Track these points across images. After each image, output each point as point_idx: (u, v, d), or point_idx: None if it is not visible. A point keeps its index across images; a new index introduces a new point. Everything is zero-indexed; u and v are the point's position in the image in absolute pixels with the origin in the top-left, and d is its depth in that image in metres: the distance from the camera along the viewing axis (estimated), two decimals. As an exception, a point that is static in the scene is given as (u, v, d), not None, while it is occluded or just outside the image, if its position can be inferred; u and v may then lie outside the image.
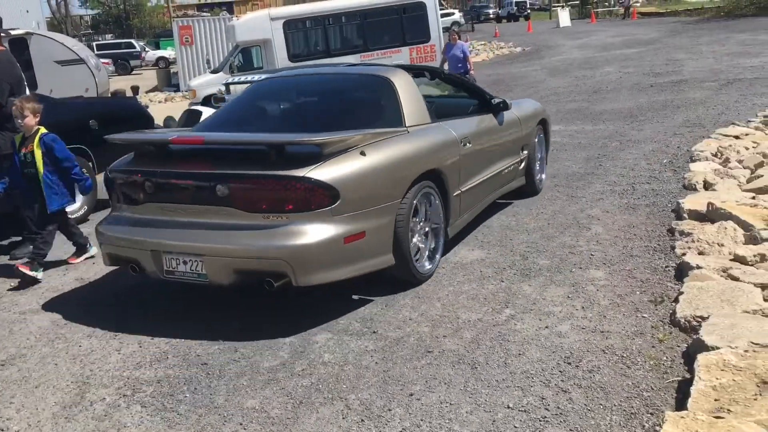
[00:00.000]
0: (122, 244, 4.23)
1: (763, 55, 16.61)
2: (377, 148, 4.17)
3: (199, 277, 3.96)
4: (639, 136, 8.87)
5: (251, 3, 61.98)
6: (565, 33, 33.90)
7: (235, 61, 16.40)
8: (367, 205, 3.97)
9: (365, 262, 4.05)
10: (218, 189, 3.85)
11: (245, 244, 3.78)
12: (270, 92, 5.49)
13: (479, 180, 5.24)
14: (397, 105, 4.66)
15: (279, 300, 4.30)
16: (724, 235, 4.50)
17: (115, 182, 4.37)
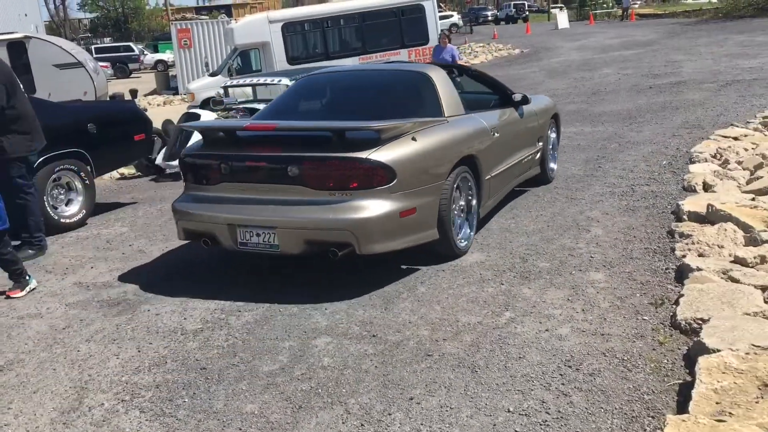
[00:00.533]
0: (198, 219, 4.74)
1: (762, 56, 16.62)
2: (425, 134, 4.70)
3: (271, 248, 4.47)
4: (638, 137, 8.86)
5: (250, 6, 62.02)
6: (564, 35, 33.93)
7: (234, 64, 16.38)
8: (417, 184, 4.49)
9: (415, 235, 4.56)
10: (290, 169, 4.38)
11: (315, 217, 4.30)
12: (319, 86, 5.98)
13: (504, 167, 5.74)
14: (437, 98, 5.21)
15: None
16: (724, 236, 4.49)
17: (189, 165, 4.89)
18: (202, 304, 4.45)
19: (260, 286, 4.71)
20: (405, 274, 4.70)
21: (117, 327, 4.21)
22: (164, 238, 6.16)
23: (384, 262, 4.95)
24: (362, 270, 4.83)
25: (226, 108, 9.73)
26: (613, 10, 51.41)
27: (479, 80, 6.41)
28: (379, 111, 5.05)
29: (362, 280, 4.66)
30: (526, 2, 64.63)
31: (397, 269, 4.79)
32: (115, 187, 8.99)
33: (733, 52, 18.17)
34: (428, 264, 4.84)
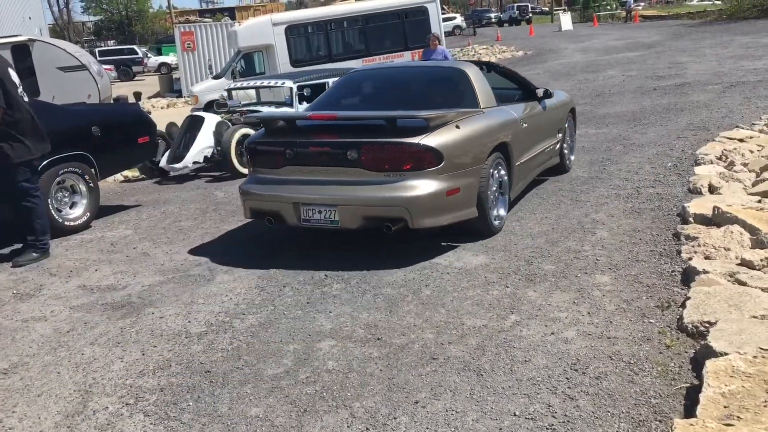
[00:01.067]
0: (265, 199, 5.31)
1: (766, 58, 16.56)
2: (466, 123, 5.21)
3: (331, 223, 5.04)
4: (643, 139, 8.84)
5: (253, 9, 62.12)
6: (567, 36, 33.89)
7: (238, 66, 16.39)
8: (461, 167, 5.01)
9: (458, 212, 5.07)
10: (349, 153, 4.91)
11: (373, 196, 4.85)
12: (363, 81, 6.58)
13: (531, 155, 6.23)
14: (473, 91, 5.72)
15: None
16: (731, 239, 4.47)
17: (254, 152, 5.44)
18: (207, 307, 4.44)
19: (264, 289, 4.70)
20: (409, 277, 4.69)
21: (121, 330, 4.21)
22: (168, 241, 6.16)
23: (387, 264, 4.94)
24: (366, 273, 4.82)
25: (230, 111, 9.74)
26: (617, 12, 51.34)
27: (505, 76, 6.86)
28: (422, 103, 5.54)
29: (366, 282, 4.65)
30: (529, 4, 64.69)
31: (401, 272, 4.78)
32: (119, 189, 9.00)
33: (738, 54, 18.12)
34: (436, 263, 4.83)
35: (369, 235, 5.70)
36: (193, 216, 7.06)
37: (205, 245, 5.92)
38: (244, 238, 6.02)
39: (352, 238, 5.67)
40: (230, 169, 8.86)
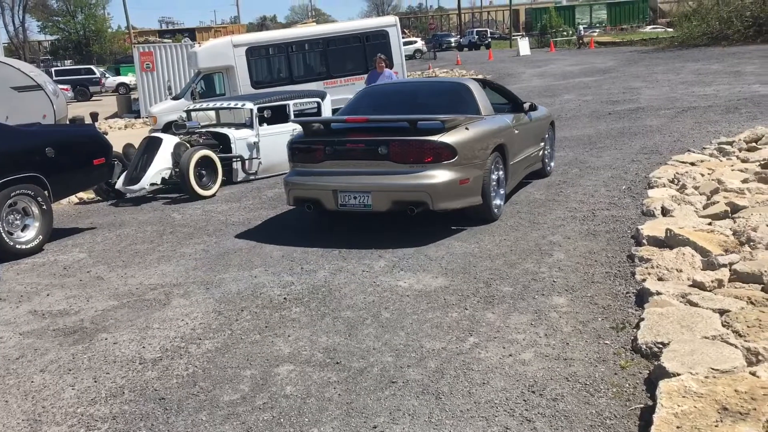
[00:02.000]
0: (307, 188, 6.27)
1: (716, 84, 17.13)
2: (473, 126, 6.24)
3: (365, 207, 6.01)
4: (598, 162, 9.02)
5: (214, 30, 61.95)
6: (525, 61, 34.55)
7: (197, 87, 16.27)
8: (470, 161, 6.02)
9: (467, 198, 6.08)
10: (380, 149, 5.91)
11: (400, 183, 5.86)
12: (380, 93, 7.70)
13: (521, 158, 7.25)
14: (475, 101, 6.81)
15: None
16: (683, 260, 4.57)
17: (295, 150, 6.45)
18: (162, 333, 4.36)
19: (222, 313, 4.64)
20: (369, 299, 4.68)
21: (73, 356, 4.10)
22: (123, 264, 6.04)
23: (347, 287, 4.93)
24: (326, 296, 4.80)
25: (189, 132, 9.65)
26: (573, 38, 52.62)
27: (498, 90, 7.95)
28: (432, 110, 6.43)
29: (326, 306, 4.62)
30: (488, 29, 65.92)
31: (361, 295, 4.77)
32: (74, 212, 8.81)
33: (689, 80, 18.70)
34: (396, 285, 4.83)
35: (331, 256, 5.68)
36: (149, 239, 6.95)
37: (162, 268, 5.82)
38: (201, 261, 5.95)
39: (315, 258, 5.65)
40: (188, 191, 8.76)
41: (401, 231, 6.36)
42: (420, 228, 6.40)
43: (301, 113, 10.91)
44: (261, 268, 5.59)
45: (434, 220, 6.51)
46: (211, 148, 9.38)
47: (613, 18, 69.59)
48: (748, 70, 19.87)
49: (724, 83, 17.25)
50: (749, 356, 3.23)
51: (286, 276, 5.33)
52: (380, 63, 11.45)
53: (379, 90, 7.96)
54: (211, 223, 7.41)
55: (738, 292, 4.01)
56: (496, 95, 7.82)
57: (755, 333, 3.42)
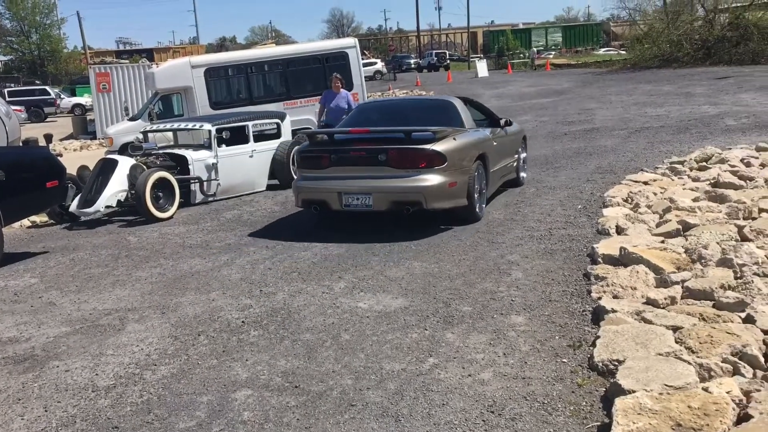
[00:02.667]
0: (315, 191, 7.01)
1: (667, 105, 17.62)
2: (459, 137, 7.02)
3: (366, 207, 6.78)
4: (555, 182, 9.17)
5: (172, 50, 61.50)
6: (483, 83, 35.06)
7: (155, 108, 16.08)
8: (457, 167, 6.77)
9: (455, 200, 6.83)
10: (379, 156, 6.66)
11: (398, 185, 6.63)
12: (376, 108, 8.78)
13: (499, 167, 8.04)
14: (459, 115, 7.65)
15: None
16: (637, 278, 4.66)
17: (303, 158, 7.17)
18: (116, 359, 4.26)
19: (178, 338, 4.56)
20: (329, 321, 4.65)
21: (23, 385, 3.97)
22: (77, 289, 5.90)
23: (307, 309, 4.89)
24: (285, 319, 4.75)
25: (146, 153, 9.53)
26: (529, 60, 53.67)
27: (477, 108, 8.69)
28: (422, 123, 7.15)
29: (284, 329, 4.58)
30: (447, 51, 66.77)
31: (320, 317, 4.73)
32: (26, 236, 8.58)
33: (642, 101, 19.19)
34: (355, 307, 4.80)
35: (291, 278, 5.64)
36: (104, 262, 6.80)
37: (117, 293, 5.70)
38: (157, 285, 5.84)
39: (274, 280, 5.60)
40: (145, 214, 8.62)
41: (362, 252, 6.36)
42: (381, 248, 6.41)
43: (260, 134, 10.87)
44: (219, 291, 5.51)
45: (398, 239, 6.54)
46: (169, 169, 9.27)
47: (568, 41, 71.31)
48: (698, 91, 20.49)
49: (675, 104, 17.76)
50: (702, 372, 3.29)
51: (245, 299, 5.27)
52: (336, 83, 11.24)
53: (374, 106, 9.32)
54: (167, 246, 7.29)
55: (690, 309, 4.09)
56: (476, 112, 8.52)
57: (707, 349, 3.50)
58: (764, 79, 22.14)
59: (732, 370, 3.33)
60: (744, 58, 30.42)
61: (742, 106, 16.24)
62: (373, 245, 6.56)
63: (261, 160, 10.45)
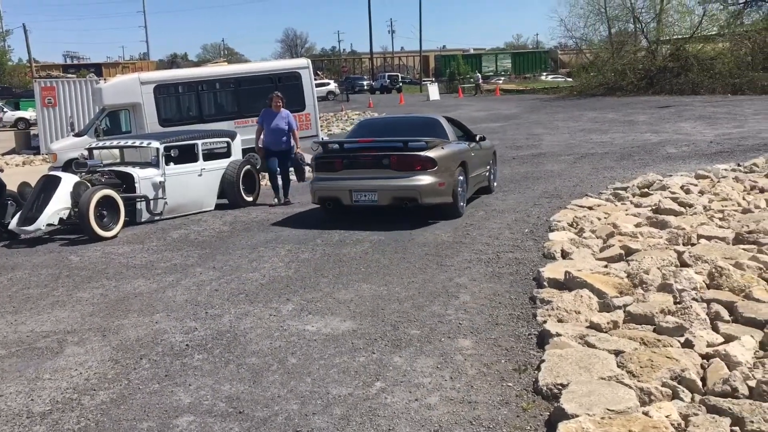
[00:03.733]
0: (330, 189, 8.33)
1: (612, 132, 18.13)
2: (446, 146, 8.48)
3: (372, 202, 8.12)
4: (503, 206, 9.31)
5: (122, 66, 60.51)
6: (435, 106, 35.51)
7: (102, 124, 15.75)
8: (445, 171, 8.13)
9: (443, 197, 8.18)
10: (383, 160, 8.01)
11: (398, 184, 7.97)
12: (375, 123, 10.71)
13: (476, 174, 9.44)
14: (444, 130, 9.05)
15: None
16: (581, 302, 4.74)
17: (319, 163, 8.47)
18: (53, 384, 4.11)
19: (119, 362, 4.43)
20: (276, 345, 4.59)
21: (-49, 412, 3.79)
22: (14, 310, 5.69)
23: (254, 331, 4.82)
24: (230, 342, 4.68)
25: (90, 170, 9.31)
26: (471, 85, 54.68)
27: (457, 125, 9.90)
28: (414, 135, 8.41)
29: (230, 352, 4.50)
30: (399, 74, 67.45)
31: (267, 341, 4.67)
32: (-40, 253, 8.25)
33: (587, 128, 19.70)
34: (303, 330, 4.76)
35: (238, 300, 5.56)
36: (43, 282, 6.59)
37: (56, 314, 5.52)
38: (99, 306, 5.68)
39: (221, 302, 5.51)
40: (88, 232, 8.39)
41: (311, 274, 6.32)
42: (330, 269, 6.38)
43: (210, 153, 10.75)
44: (163, 313, 5.39)
45: (348, 261, 6.52)
46: (114, 187, 9.07)
47: (517, 67, 72.91)
48: (641, 119, 21.16)
49: (619, 131, 18.29)
50: (642, 396, 3.36)
51: (190, 321, 5.16)
52: (276, 101, 10.49)
53: (373, 122, 11.02)
54: (111, 266, 7.11)
55: (632, 333, 4.19)
56: (457, 129, 9.74)
57: (647, 373, 3.57)
58: (703, 109, 23.02)
59: (671, 394, 3.41)
60: (684, 88, 31.62)
61: (682, 134, 16.83)
62: (323, 267, 6.53)
63: (210, 179, 10.33)
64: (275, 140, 10.45)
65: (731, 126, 17.87)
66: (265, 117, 10.58)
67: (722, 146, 14.28)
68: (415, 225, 8.20)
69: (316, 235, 8.03)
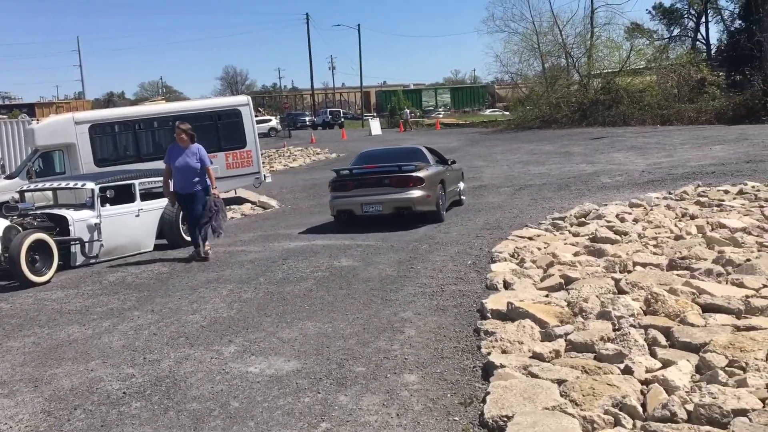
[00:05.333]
0: (345, 204, 10.72)
1: (549, 163, 18.61)
2: (429, 168, 10.99)
3: (378, 212, 10.50)
4: (446, 238, 9.39)
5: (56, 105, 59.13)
6: (377, 141, 35.79)
7: (34, 166, 15.29)
8: (430, 186, 10.57)
9: (429, 206, 10.58)
10: (384, 180, 10.49)
11: (397, 197, 10.38)
12: (373, 153, 12.86)
13: (450, 189, 11.90)
14: (426, 156, 11.64)
15: None
16: (523, 332, 4.79)
17: (335, 184, 10.93)
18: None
19: (51, 413, 4.23)
20: (217, 388, 4.47)
21: None
22: (-63, 364, 5.38)
23: (194, 375, 4.69)
24: (170, 387, 4.53)
25: (22, 214, 8.99)
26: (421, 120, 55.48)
27: (433, 153, 12.48)
28: (404, 161, 11.04)
29: (169, 398, 4.36)
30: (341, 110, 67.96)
31: (208, 384, 4.54)
32: None
33: (525, 160, 20.18)
34: (246, 372, 4.65)
35: (177, 344, 5.40)
36: (-30, 332, 6.27)
37: (-17, 366, 5.25)
38: (31, 356, 5.44)
39: (159, 346, 5.34)
40: (19, 278, 8.07)
41: (254, 313, 6.21)
42: (274, 308, 6.28)
43: (148, 192, 10.54)
44: (99, 360, 5.20)
45: (293, 297, 6.43)
46: (47, 230, 8.77)
47: (457, 101, 74.53)
48: (576, 150, 21.80)
49: (556, 163, 18.79)
50: (585, 425, 3.40)
51: (127, 368, 4.98)
52: (180, 134, 8.97)
53: (370, 152, 13.07)
54: (43, 313, 6.84)
55: (573, 362, 4.24)
56: (433, 155, 12.23)
57: (590, 401, 3.62)
58: (634, 140, 23.89)
59: (613, 421, 3.46)
60: (616, 120, 32.81)
61: (615, 164, 17.40)
62: (266, 306, 6.44)
63: (148, 219, 10.11)
64: (183, 179, 9.00)
65: (661, 155, 18.58)
66: (171, 154, 9.10)
67: (654, 175, 14.81)
68: (361, 261, 8.18)
69: (259, 273, 7.92)
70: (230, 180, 16.91)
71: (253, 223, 13.23)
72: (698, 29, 51.53)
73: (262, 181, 17.34)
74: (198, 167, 8.97)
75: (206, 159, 9.07)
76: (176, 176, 9.06)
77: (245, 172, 17.05)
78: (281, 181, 20.98)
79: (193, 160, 8.95)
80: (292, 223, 12.53)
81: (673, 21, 52.59)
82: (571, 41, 40.88)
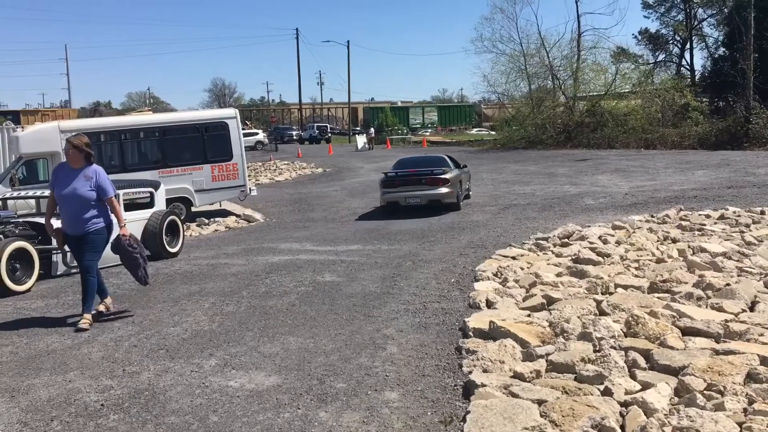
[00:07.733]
0: (393, 197, 14.89)
1: (533, 184, 18.74)
2: (452, 171, 15.28)
3: (417, 203, 14.54)
4: (430, 255, 9.41)
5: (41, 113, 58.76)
6: (363, 156, 35.89)
7: (18, 173, 15.18)
8: (453, 185, 14.77)
9: (452, 199, 14.70)
10: (422, 180, 14.77)
11: (431, 193, 14.62)
12: (409, 159, 17.18)
13: (464, 186, 16.23)
14: (448, 162, 15.86)
15: None
16: (505, 352, 4.81)
17: (385, 182, 15.06)
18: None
19: (27, 424, 4.18)
20: (197, 402, 4.44)
21: None
22: None
23: (174, 388, 4.65)
24: (149, 400, 4.49)
25: (3, 222, 8.91)
26: (407, 137, 55.72)
27: (452, 159, 16.26)
28: (434, 167, 15.02)
29: (147, 411, 4.31)
30: (328, 125, 68.11)
31: (188, 398, 4.51)
32: None
33: (510, 179, 20.31)
34: (226, 386, 4.62)
35: (158, 356, 5.36)
36: (-54, 341, 6.19)
37: (-41, 375, 5.18)
38: (8, 366, 5.37)
39: (139, 358, 5.30)
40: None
41: (236, 327, 6.18)
42: (256, 322, 6.26)
43: (131, 203, 10.49)
44: (77, 371, 5.14)
45: (274, 310, 6.39)
46: (28, 239, 8.70)
47: (444, 119, 74.95)
48: (561, 172, 21.97)
49: (541, 183, 18.93)
50: (564, 445, 3.41)
51: (105, 379, 4.94)
52: (72, 153, 6.42)
53: (407, 159, 17.10)
54: (22, 322, 6.76)
55: (554, 382, 4.26)
56: (453, 161, 16.09)
57: (569, 422, 3.63)
58: (618, 162, 24.13)
59: (592, 442, 3.47)
60: (601, 142, 33.15)
61: (599, 186, 17.56)
62: (248, 320, 6.41)
63: (131, 230, 10.03)
64: (72, 216, 6.45)
65: (645, 179, 18.78)
66: (57, 176, 6.56)
67: (637, 198, 14.96)
68: (345, 276, 8.17)
69: (242, 287, 7.89)
70: (215, 192, 16.90)
71: (237, 236, 13.19)
72: (683, 55, 52.34)
73: (248, 195, 17.32)
74: (92, 197, 6.44)
75: (107, 186, 6.54)
76: (62, 209, 6.51)
77: (231, 185, 17.03)
78: (267, 194, 20.96)
79: (86, 187, 6.41)
80: (277, 237, 12.51)
81: (658, 47, 53.36)
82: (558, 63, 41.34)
